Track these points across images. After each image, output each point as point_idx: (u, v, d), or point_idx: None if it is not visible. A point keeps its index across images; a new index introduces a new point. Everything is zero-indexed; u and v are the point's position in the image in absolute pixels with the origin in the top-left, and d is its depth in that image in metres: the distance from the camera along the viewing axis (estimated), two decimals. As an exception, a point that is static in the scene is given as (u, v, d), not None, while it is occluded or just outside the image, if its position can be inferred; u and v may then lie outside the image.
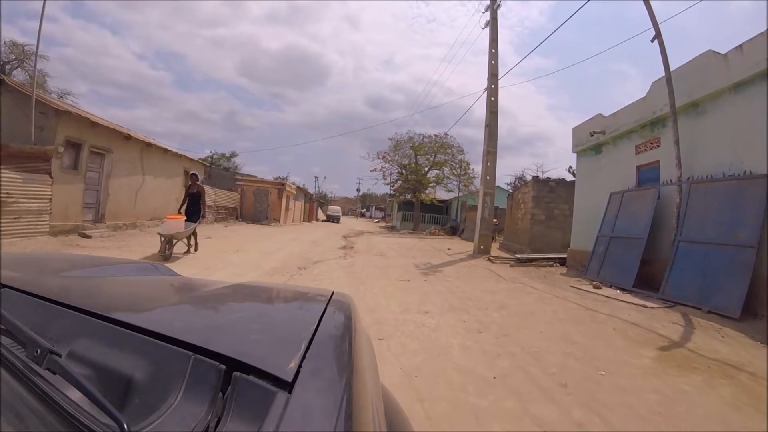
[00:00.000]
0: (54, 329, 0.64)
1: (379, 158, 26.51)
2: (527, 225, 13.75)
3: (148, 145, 12.65)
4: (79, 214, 10.67)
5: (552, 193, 13.93)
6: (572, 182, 14.75)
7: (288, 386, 0.47)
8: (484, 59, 14.18)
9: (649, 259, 7.52)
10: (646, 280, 7.34)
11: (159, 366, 0.52)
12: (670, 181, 7.71)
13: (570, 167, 36.71)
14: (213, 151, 35.97)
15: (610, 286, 7.60)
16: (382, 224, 39.93)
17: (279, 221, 21.23)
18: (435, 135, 25.62)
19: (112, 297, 0.93)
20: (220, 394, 0.47)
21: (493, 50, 14.60)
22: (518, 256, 10.80)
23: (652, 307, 5.97)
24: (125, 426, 0.39)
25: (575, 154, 11.80)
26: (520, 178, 44.98)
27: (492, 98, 14.01)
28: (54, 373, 0.46)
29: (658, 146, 8.43)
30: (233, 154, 40.80)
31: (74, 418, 0.42)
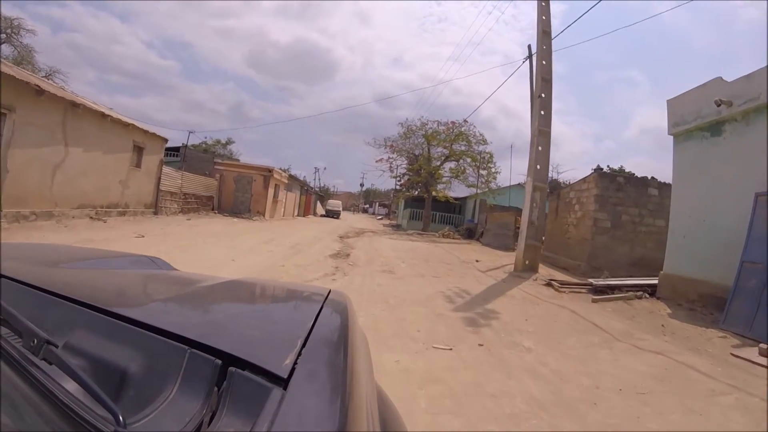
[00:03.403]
0: (51, 320, 0.63)
1: (386, 147, 22.83)
2: (586, 234, 10.28)
3: (75, 105, 9.19)
4: (-41, 195, 7.35)
5: (620, 192, 10.48)
6: (643, 179, 11.25)
7: (283, 383, 0.46)
8: (492, 59, 10.88)
9: None
10: None
11: (155, 359, 0.52)
12: None
13: (597, 167, 33.01)
14: (206, 137, 32.53)
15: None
16: (386, 222, 36.35)
17: (263, 215, 17.69)
18: (452, 122, 22.00)
19: (109, 289, 0.92)
20: (216, 388, 0.46)
21: (543, 3, 11.07)
22: (594, 281, 7.32)
23: None
24: (120, 418, 0.38)
25: (671, 138, 8.28)
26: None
27: (543, 62, 10.55)
28: (50, 363, 0.45)
29: None
30: (229, 141, 37.46)
31: (70, 408, 0.41)
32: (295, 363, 0.50)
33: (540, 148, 9.50)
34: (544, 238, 13.73)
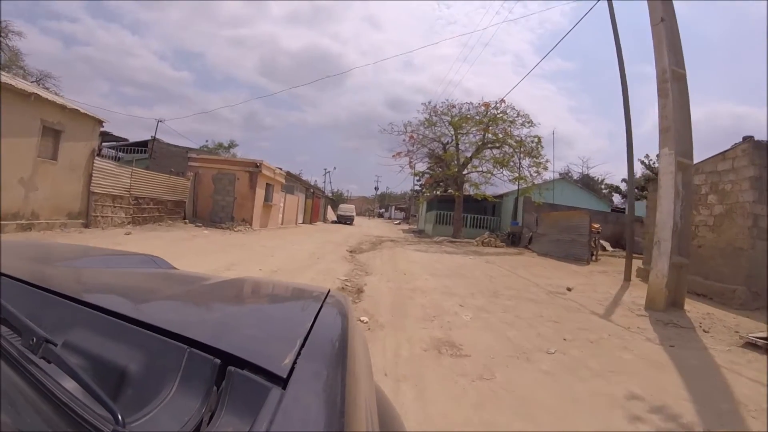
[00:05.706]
0: (50, 319, 0.61)
1: (405, 135, 18.81)
2: (738, 240, 6.40)
3: None
4: None
5: (779, 172, 6.57)
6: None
7: (282, 382, 0.46)
8: (503, 59, 7.02)
9: None
10: None
11: (154, 358, 0.51)
12: None
13: (647, 157, 28.16)
14: (206, 141, 29.33)
15: None
16: (405, 227, 32.40)
17: (250, 223, 13.82)
18: (485, 103, 18.03)
19: (109, 288, 0.91)
20: (215, 388, 0.46)
21: None
22: None
23: None
24: (119, 417, 0.38)
25: None
26: (567, 174, 36.42)
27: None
28: (49, 362, 0.44)
29: None
30: (232, 144, 34.18)
31: (68, 407, 0.41)
32: (295, 362, 0.49)
33: (674, 101, 5.63)
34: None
